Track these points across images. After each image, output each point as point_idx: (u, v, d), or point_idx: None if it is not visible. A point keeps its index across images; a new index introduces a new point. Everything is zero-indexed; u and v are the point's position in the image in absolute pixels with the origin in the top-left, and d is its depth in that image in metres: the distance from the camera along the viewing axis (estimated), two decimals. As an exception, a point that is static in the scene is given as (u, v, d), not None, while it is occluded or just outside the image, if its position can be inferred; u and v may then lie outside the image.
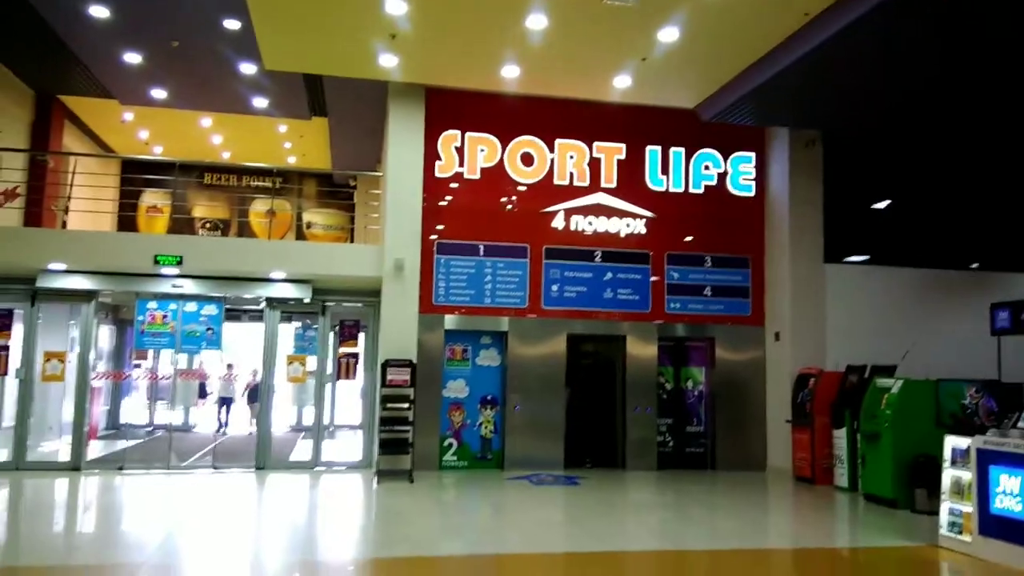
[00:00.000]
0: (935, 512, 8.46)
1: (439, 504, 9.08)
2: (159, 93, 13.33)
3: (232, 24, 10.56)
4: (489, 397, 11.47)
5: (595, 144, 11.92)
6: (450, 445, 11.24)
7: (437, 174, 11.40)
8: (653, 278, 11.90)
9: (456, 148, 11.49)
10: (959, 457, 6.95)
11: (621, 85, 10.91)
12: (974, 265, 13.00)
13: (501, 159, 11.62)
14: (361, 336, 11.99)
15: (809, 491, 10.30)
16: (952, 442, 7.07)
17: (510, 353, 11.40)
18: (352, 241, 14.80)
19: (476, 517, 8.54)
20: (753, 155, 12.45)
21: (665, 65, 10.07)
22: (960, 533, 6.77)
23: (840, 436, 10.36)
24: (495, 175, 11.60)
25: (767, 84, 9.67)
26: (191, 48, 11.42)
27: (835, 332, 11.76)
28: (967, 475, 6.77)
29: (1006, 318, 7.50)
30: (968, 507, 6.69)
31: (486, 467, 11.27)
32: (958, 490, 6.89)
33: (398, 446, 10.38)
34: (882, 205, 12.90)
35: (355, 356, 11.56)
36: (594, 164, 11.90)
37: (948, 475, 7.03)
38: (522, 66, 10.41)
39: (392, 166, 11.21)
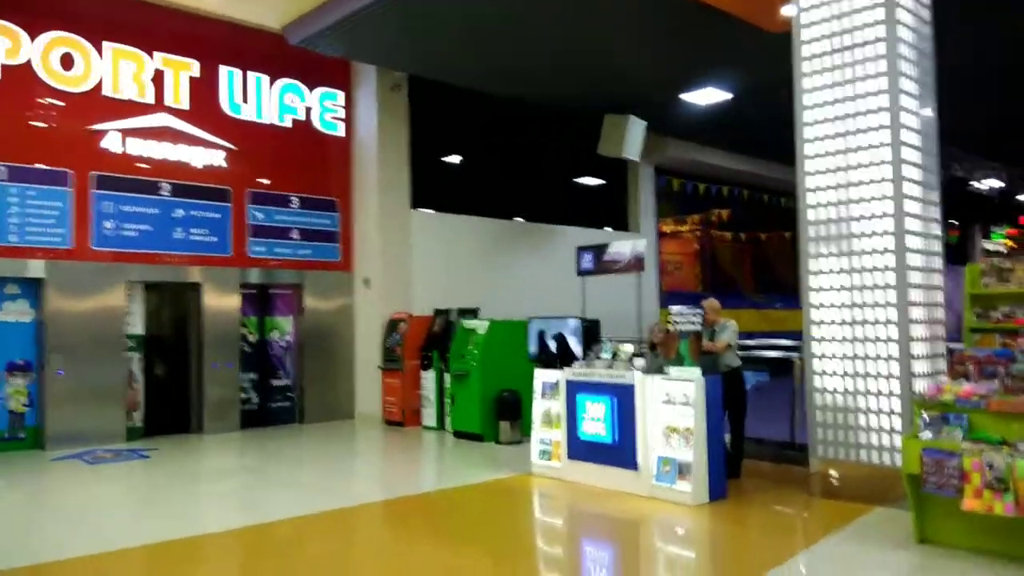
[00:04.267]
0: (517, 442, 9.14)
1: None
2: None
3: None
4: (20, 362, 8.99)
5: (159, 55, 10.02)
6: (-41, 428, 8.58)
7: (-71, 65, 8.39)
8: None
9: (-40, 34, 8.59)
10: (547, 390, 7.41)
11: (197, -15, 9.26)
12: (520, 218, 14.27)
13: (29, 57, 9.04)
14: None
15: (398, 433, 10.30)
16: (542, 376, 7.50)
17: (49, 305, 9.07)
18: None
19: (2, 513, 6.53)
20: (340, 92, 11.81)
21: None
22: (550, 459, 7.23)
23: (429, 378, 10.53)
24: (19, 76, 8.99)
25: (359, 13, 9.04)
26: None
27: (422, 277, 11.90)
28: (556, 405, 7.24)
29: (590, 260, 8.20)
30: (557, 435, 7.17)
31: (19, 448, 8.90)
32: (548, 420, 7.34)
33: None
34: (454, 159, 13.43)
35: None
36: (158, 79, 10.01)
37: (539, 406, 7.45)
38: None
39: None
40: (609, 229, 15.31)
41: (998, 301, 5.66)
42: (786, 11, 7.54)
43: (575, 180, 15.34)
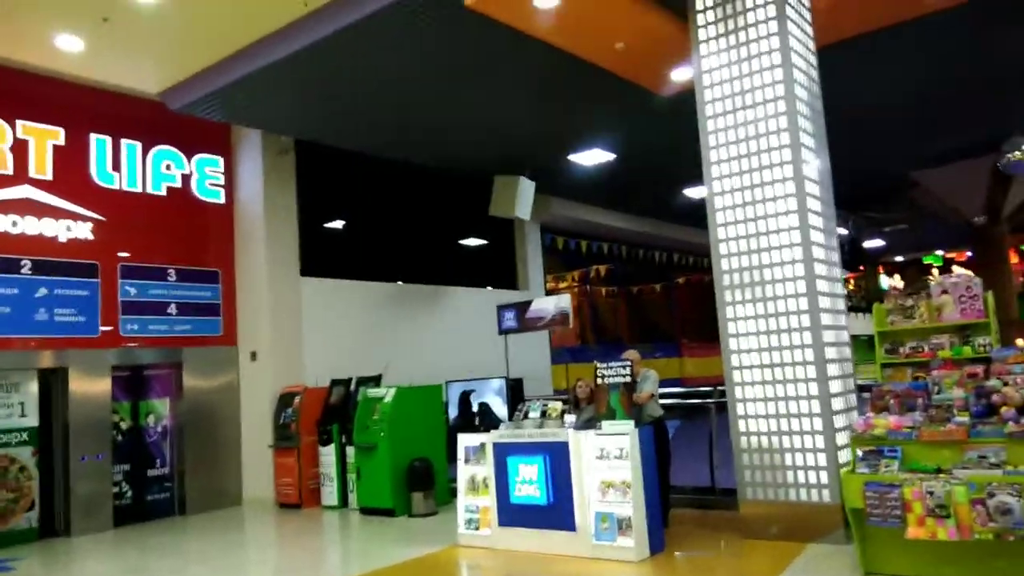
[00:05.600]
0: (432, 513, 8.76)
1: None
2: None
3: None
4: None
5: (20, 123, 9.22)
6: None
7: None
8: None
9: None
10: (472, 454, 7.17)
11: (69, 48, 8.56)
12: (400, 282, 13.98)
13: None
14: None
15: (297, 516, 9.61)
16: (465, 441, 7.25)
17: None
18: None
19: None
20: (220, 158, 11.27)
21: (131, 33, 8.25)
22: (478, 528, 6.94)
23: (328, 453, 9.94)
24: None
25: (243, 79, 8.74)
26: None
27: (312, 348, 11.35)
28: (481, 470, 7.00)
29: (512, 318, 8.12)
30: (485, 501, 6.91)
31: None
32: (473, 486, 7.08)
33: None
34: (342, 225, 13.06)
35: None
36: (19, 148, 9.19)
37: (463, 473, 7.18)
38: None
39: None
40: (490, 288, 15.27)
41: (904, 336, 6.09)
42: (677, 75, 8.01)
43: (460, 241, 15.29)
